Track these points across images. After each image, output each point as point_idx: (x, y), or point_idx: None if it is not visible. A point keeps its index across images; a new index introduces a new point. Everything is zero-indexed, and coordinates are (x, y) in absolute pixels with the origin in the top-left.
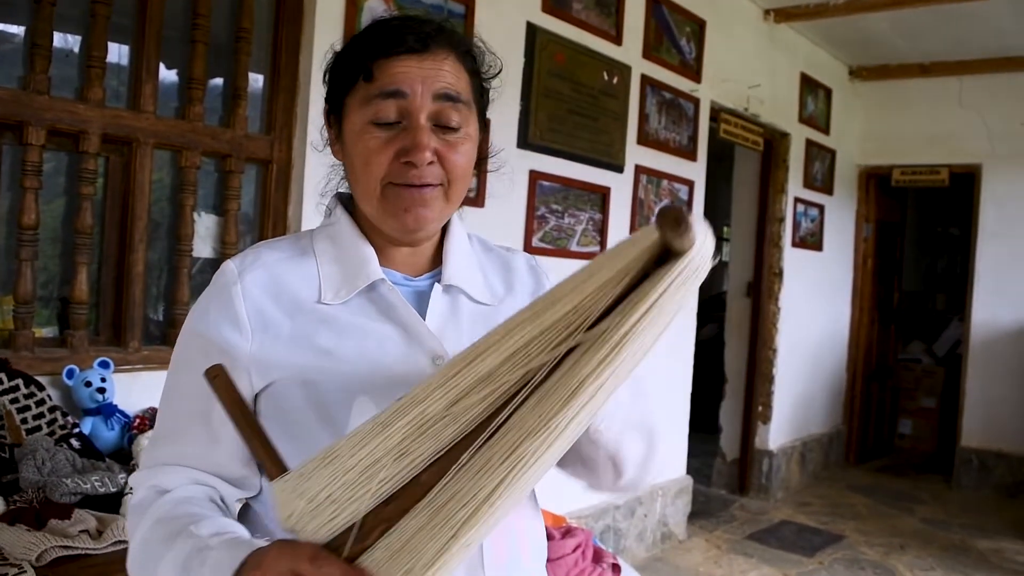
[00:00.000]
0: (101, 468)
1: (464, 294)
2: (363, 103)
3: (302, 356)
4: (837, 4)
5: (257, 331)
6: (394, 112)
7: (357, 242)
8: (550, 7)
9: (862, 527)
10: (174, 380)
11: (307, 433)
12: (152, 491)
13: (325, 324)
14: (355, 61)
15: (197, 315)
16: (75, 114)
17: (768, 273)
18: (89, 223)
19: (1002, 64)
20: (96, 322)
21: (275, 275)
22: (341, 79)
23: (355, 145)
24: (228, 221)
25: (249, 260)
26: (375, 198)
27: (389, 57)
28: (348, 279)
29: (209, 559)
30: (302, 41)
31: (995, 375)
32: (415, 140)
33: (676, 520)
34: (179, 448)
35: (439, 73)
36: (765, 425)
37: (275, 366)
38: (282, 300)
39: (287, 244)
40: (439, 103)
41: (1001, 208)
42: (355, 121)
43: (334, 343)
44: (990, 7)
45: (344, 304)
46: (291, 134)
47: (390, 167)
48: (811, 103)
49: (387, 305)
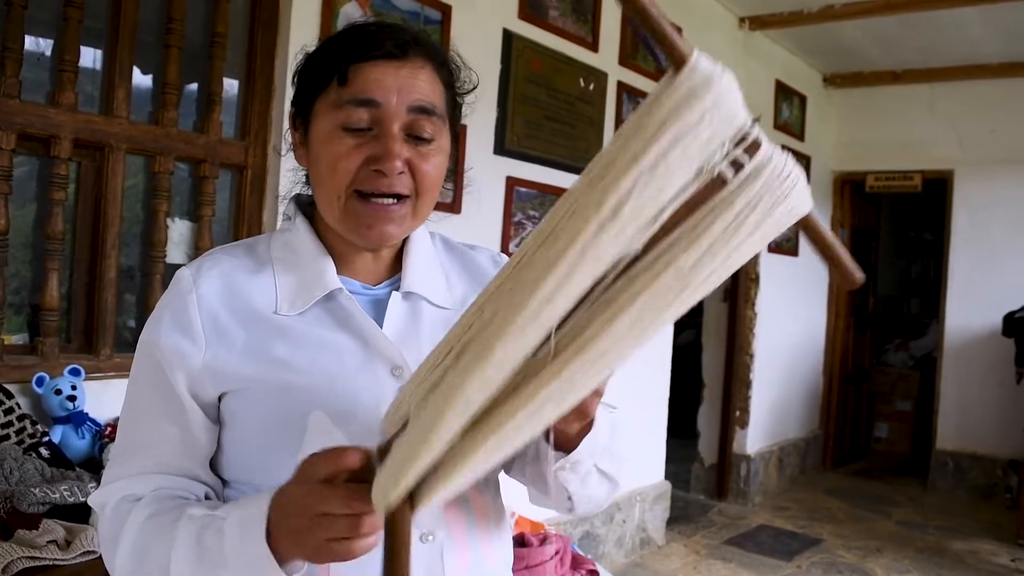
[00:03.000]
0: (71, 477)
1: (425, 300)
2: (334, 107)
3: (257, 368)
4: (811, 12)
5: (211, 341)
6: (366, 119)
7: (314, 251)
8: (527, 14)
9: (839, 530)
10: (133, 392)
11: (262, 445)
12: (125, 501)
13: (281, 335)
14: (329, 63)
15: (152, 324)
16: (46, 118)
17: (745, 278)
18: (60, 229)
19: (973, 72)
20: (67, 329)
21: (231, 284)
22: (312, 81)
23: (322, 149)
24: (202, 227)
25: (205, 267)
26: (339, 206)
27: (365, 61)
28: (305, 289)
29: (227, 527)
30: (277, 46)
31: (969, 378)
32: (386, 148)
33: (655, 526)
34: (144, 460)
35: (415, 83)
36: (743, 430)
37: (229, 377)
38: (238, 309)
39: (243, 251)
40: (413, 115)
41: (973, 214)
42: (324, 125)
43: (290, 354)
44: (961, 16)
45: (301, 315)
46: (266, 139)
47: (358, 173)
48: (786, 110)
49: (345, 315)
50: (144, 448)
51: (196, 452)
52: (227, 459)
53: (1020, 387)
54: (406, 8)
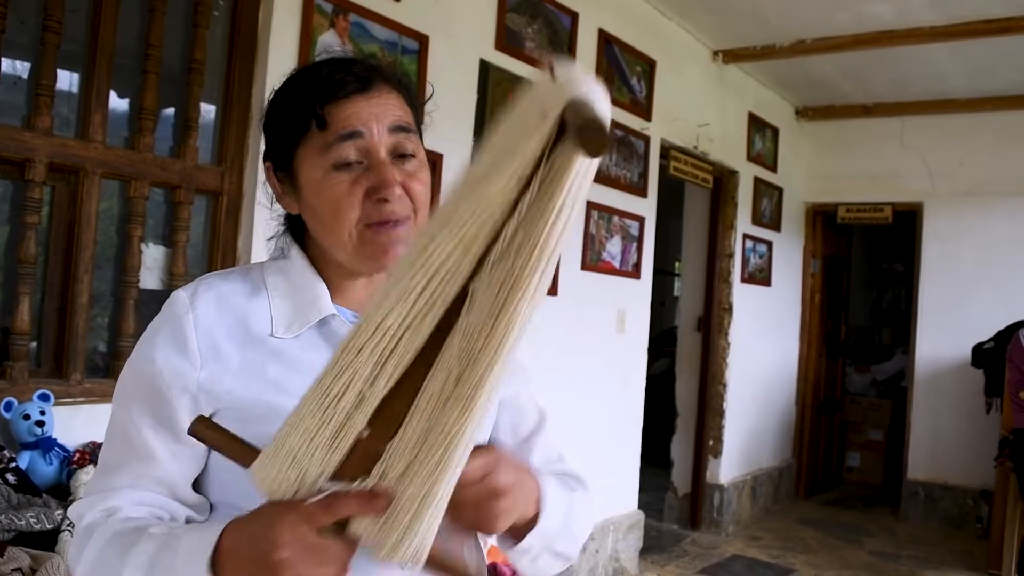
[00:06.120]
0: (37, 504)
1: None
2: (320, 151)
3: (251, 389)
4: (783, 46)
5: (208, 361)
6: (354, 153)
7: (309, 278)
8: (503, 44)
9: (812, 560)
10: (123, 409)
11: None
12: (102, 514)
13: (275, 358)
14: (301, 110)
15: (147, 344)
16: (21, 142)
17: (718, 308)
18: (33, 252)
19: (942, 106)
20: (38, 353)
21: (227, 306)
22: (287, 131)
23: (320, 194)
24: (176, 252)
25: (202, 290)
26: (351, 242)
27: (338, 100)
28: (300, 314)
29: (180, 549)
30: (255, 73)
31: (939, 408)
32: (383, 177)
33: (628, 555)
34: (128, 474)
35: (387, 108)
36: (716, 459)
37: (222, 396)
38: (234, 331)
39: (238, 276)
40: (394, 135)
41: (942, 245)
42: (314, 170)
43: (283, 377)
44: (930, 52)
45: (295, 338)
46: (242, 166)
47: (362, 208)
48: (759, 141)
49: (338, 340)
50: (128, 465)
51: (181, 472)
52: (214, 480)
53: (990, 417)
54: (384, 38)
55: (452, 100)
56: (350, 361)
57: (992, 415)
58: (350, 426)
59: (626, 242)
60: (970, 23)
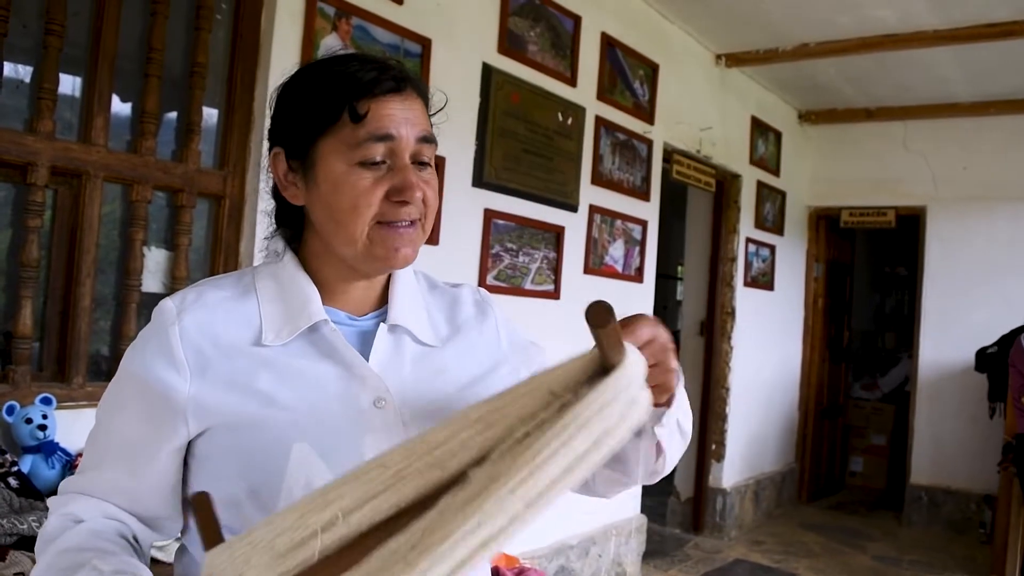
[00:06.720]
0: (40, 508)
1: (409, 334)
2: (349, 145)
3: (241, 400)
4: (786, 50)
5: (195, 373)
6: (382, 152)
7: (300, 281)
8: (506, 48)
9: (815, 565)
10: (106, 418)
11: (246, 478)
12: (65, 519)
13: (265, 367)
14: (333, 101)
15: (134, 355)
16: (23, 146)
17: (721, 312)
18: (35, 256)
19: (944, 110)
20: (40, 357)
21: (215, 316)
22: (312, 120)
23: (339, 188)
24: (178, 256)
25: (189, 299)
26: (361, 239)
27: (374, 97)
28: (290, 319)
29: None
30: (257, 76)
31: (942, 413)
32: (406, 180)
33: (630, 560)
34: (101, 480)
35: (418, 116)
36: (719, 463)
37: (213, 410)
38: (221, 342)
39: (230, 282)
40: (419, 144)
41: (945, 249)
42: (336, 164)
43: (274, 387)
44: (933, 56)
45: (285, 346)
46: (244, 169)
47: (380, 206)
48: (762, 145)
49: (329, 347)
50: (102, 471)
51: (151, 485)
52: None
53: (993, 422)
54: (387, 41)
55: (454, 104)
56: (345, 481)
57: (996, 420)
58: (306, 548)
59: (629, 246)
60: (973, 27)
